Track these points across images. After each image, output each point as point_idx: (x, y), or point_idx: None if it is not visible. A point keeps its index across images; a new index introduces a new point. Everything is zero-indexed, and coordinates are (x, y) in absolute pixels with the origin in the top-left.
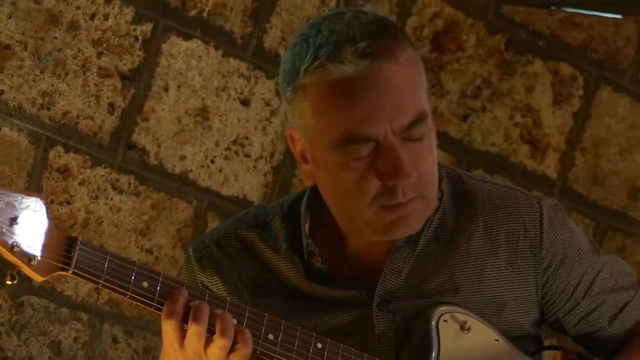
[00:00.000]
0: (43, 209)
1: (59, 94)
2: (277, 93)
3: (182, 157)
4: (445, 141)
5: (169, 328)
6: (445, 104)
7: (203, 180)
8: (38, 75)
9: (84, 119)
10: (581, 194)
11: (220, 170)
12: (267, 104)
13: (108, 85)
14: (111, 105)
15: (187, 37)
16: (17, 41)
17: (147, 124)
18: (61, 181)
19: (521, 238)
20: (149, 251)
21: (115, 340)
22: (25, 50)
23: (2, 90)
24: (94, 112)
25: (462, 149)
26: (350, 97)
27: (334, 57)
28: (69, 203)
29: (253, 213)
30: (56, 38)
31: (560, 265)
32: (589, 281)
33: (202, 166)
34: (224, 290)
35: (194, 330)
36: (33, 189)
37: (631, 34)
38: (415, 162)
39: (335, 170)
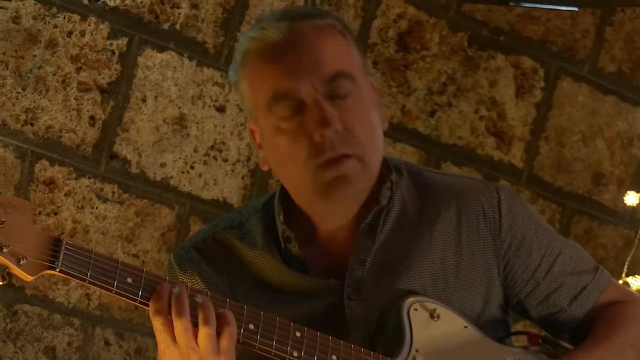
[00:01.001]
0: (29, 212)
1: (42, 109)
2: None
3: (163, 165)
4: (414, 137)
5: (158, 324)
6: (413, 101)
7: (184, 185)
8: (20, 93)
9: (66, 132)
10: (547, 181)
11: (200, 175)
12: (242, 110)
13: (88, 99)
14: (92, 118)
15: (161, 49)
16: None
17: (128, 134)
18: (48, 193)
19: (481, 223)
20: (136, 256)
21: (107, 343)
22: (7, 69)
23: None
24: (76, 126)
25: (431, 143)
26: (273, 58)
27: (259, 30)
28: (56, 214)
29: (228, 217)
30: (36, 56)
31: (520, 247)
32: (549, 263)
33: (182, 172)
34: (205, 289)
35: (179, 325)
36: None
37: (588, 25)
38: (343, 118)
39: (273, 138)
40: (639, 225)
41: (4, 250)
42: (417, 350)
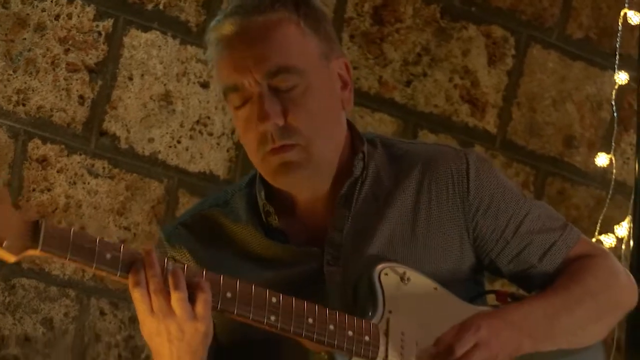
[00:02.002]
0: (7, 196)
1: (32, 90)
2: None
3: (151, 140)
4: (391, 106)
5: (137, 296)
6: (389, 72)
7: (171, 159)
8: (11, 75)
9: (57, 111)
10: (520, 145)
11: (187, 149)
12: None
13: (77, 79)
14: (81, 97)
15: (146, 29)
16: None
17: (116, 111)
18: (41, 170)
19: (450, 187)
20: (127, 228)
21: (102, 313)
22: None
23: None
24: (66, 105)
25: (408, 112)
26: (224, 51)
27: (217, 22)
28: (49, 190)
29: (214, 196)
30: (25, 39)
31: (488, 209)
32: (517, 222)
33: (170, 147)
34: (192, 262)
35: (154, 296)
36: (15, 179)
37: None
38: (286, 110)
39: (234, 122)
40: (610, 186)
41: None
42: (390, 312)
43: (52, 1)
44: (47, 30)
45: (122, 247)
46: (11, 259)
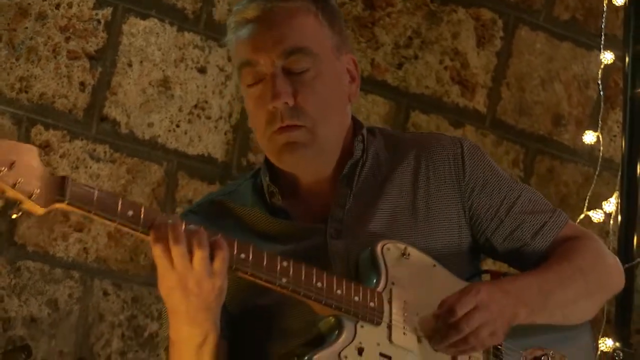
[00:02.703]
0: (36, 155)
1: (35, 77)
2: (230, 59)
3: (150, 124)
4: (384, 88)
5: (158, 251)
6: (381, 55)
7: (171, 143)
8: (14, 63)
9: (59, 98)
10: (510, 124)
11: (186, 133)
12: (222, 70)
13: (78, 66)
14: (82, 83)
15: (144, 17)
16: None
17: (116, 97)
18: (44, 156)
19: (446, 169)
20: None
21: (105, 293)
22: (1, 41)
23: None
24: (68, 92)
25: (400, 94)
26: (245, 33)
27: (241, 5)
28: (52, 175)
29: (223, 187)
30: (27, 28)
31: (482, 190)
32: (510, 203)
33: (169, 131)
34: None
35: (177, 252)
36: None
37: None
38: (296, 92)
39: (246, 99)
40: (598, 162)
41: (17, 186)
42: (392, 283)
43: None
44: (48, 19)
45: (143, 207)
46: (39, 211)
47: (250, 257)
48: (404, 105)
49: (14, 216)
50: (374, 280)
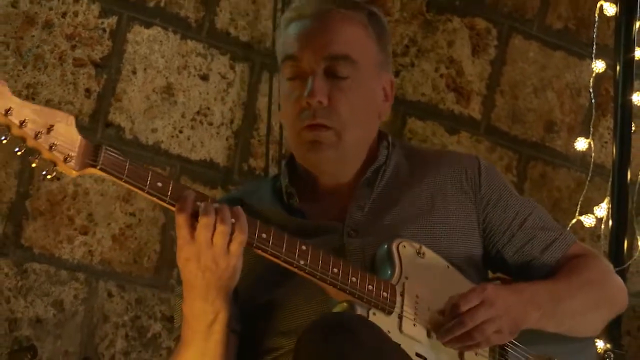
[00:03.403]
0: (73, 122)
1: (41, 84)
2: (232, 67)
3: (154, 130)
4: None
5: (181, 221)
6: None
7: (174, 148)
8: (21, 70)
9: (65, 104)
10: (504, 130)
11: (188, 139)
12: (224, 77)
13: (83, 74)
14: (87, 90)
15: (148, 25)
16: (0, 42)
17: (121, 104)
18: None
19: (464, 181)
20: (132, 214)
21: (110, 295)
22: (8, 49)
23: None
24: (73, 98)
25: (397, 101)
26: (298, 28)
27: (301, 2)
28: (58, 179)
29: (243, 187)
30: (34, 36)
31: (497, 203)
32: (523, 218)
33: (172, 136)
34: None
35: (204, 222)
36: (26, 171)
37: None
38: (332, 95)
39: (282, 89)
40: (589, 168)
41: (53, 148)
42: (406, 277)
43: (59, 0)
44: (54, 28)
45: (172, 180)
46: (73, 173)
47: (272, 237)
48: (401, 112)
49: (48, 177)
50: (389, 273)
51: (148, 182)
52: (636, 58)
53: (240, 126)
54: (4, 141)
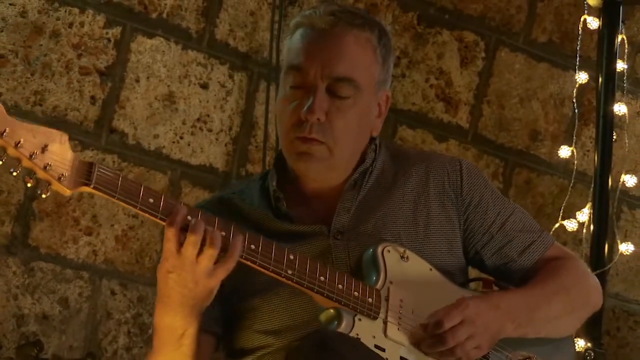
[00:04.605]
0: (66, 141)
1: (48, 91)
2: (231, 76)
3: (156, 136)
4: None
5: (170, 235)
6: None
7: (175, 153)
8: (29, 78)
9: (71, 111)
10: (490, 139)
11: (189, 144)
12: (223, 86)
13: (89, 81)
14: (93, 97)
15: (151, 36)
16: (9, 50)
17: (124, 111)
18: None
19: (446, 184)
20: (135, 216)
21: (113, 293)
22: (17, 57)
23: (0, 93)
24: (79, 105)
25: (388, 110)
26: (308, 39)
27: (313, 11)
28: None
29: (231, 186)
30: (42, 45)
31: (478, 205)
32: (503, 220)
33: (173, 142)
34: None
35: (191, 240)
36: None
37: (521, 2)
38: (330, 113)
39: (280, 93)
40: (572, 175)
41: (47, 168)
42: (390, 282)
43: (66, 11)
44: (61, 37)
45: (162, 195)
46: (66, 192)
47: (260, 248)
48: (392, 120)
49: (43, 195)
50: (374, 278)
51: (140, 199)
52: (617, 70)
53: (239, 133)
54: (0, 163)
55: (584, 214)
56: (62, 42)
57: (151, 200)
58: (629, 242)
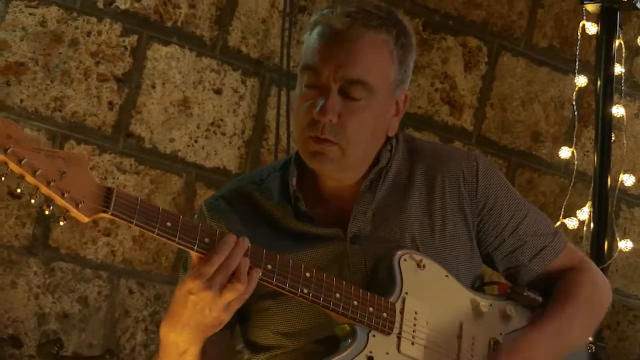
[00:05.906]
0: (85, 165)
1: (67, 98)
2: (243, 82)
3: (171, 140)
4: None
5: (216, 259)
6: None
7: (190, 157)
8: (49, 84)
9: (89, 116)
10: (494, 140)
11: (203, 148)
12: (236, 91)
13: (106, 88)
14: (110, 103)
15: (166, 44)
16: (29, 58)
17: (141, 115)
18: None
19: (461, 185)
20: None
21: (130, 291)
22: (37, 65)
23: (21, 99)
24: (97, 110)
25: None
26: (324, 39)
27: (331, 10)
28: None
29: (251, 174)
30: (61, 53)
31: (493, 207)
32: (516, 223)
33: (188, 146)
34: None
35: (226, 265)
36: None
37: (523, 8)
38: (342, 114)
39: (298, 88)
40: (572, 175)
41: (65, 195)
42: (406, 293)
43: (84, 20)
44: (80, 45)
45: (180, 218)
46: (84, 219)
47: (277, 267)
48: (399, 123)
49: (61, 223)
50: (389, 289)
51: (157, 224)
52: (615, 73)
53: (251, 136)
54: (18, 190)
55: (584, 213)
56: (80, 50)
57: (168, 224)
58: (628, 239)
